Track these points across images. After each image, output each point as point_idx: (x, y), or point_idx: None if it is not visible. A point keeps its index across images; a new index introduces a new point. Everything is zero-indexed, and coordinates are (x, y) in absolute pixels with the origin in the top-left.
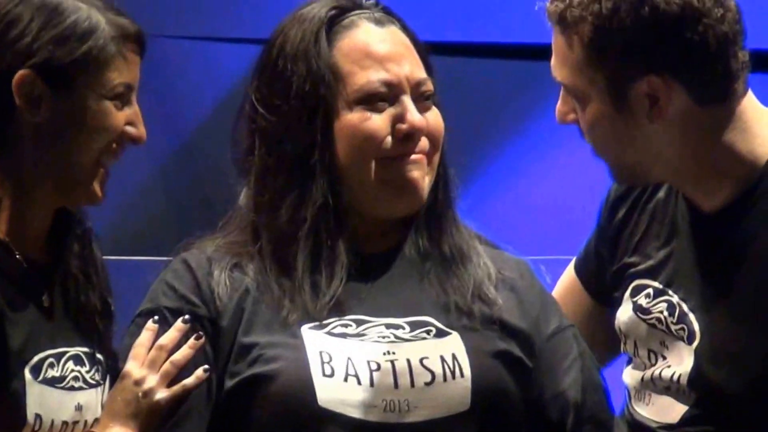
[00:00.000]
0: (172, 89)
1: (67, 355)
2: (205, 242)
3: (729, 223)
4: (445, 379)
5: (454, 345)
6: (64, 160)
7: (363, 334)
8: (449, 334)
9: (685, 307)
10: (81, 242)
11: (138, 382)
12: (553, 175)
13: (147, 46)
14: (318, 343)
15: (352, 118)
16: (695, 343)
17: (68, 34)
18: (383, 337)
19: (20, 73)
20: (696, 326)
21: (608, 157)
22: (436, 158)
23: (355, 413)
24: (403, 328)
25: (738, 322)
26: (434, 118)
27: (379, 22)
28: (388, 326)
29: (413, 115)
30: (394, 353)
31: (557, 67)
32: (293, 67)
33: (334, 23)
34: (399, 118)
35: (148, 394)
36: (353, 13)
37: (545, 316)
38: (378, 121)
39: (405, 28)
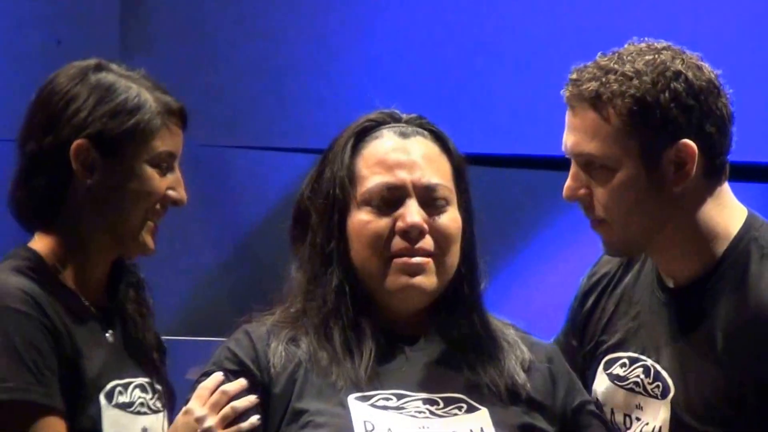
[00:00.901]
0: (234, 192)
1: (133, 384)
2: (264, 317)
3: (697, 295)
4: None
5: (482, 420)
6: (115, 218)
7: (402, 408)
8: (479, 409)
9: (658, 367)
10: (135, 288)
11: (199, 420)
12: (565, 271)
13: (213, 153)
14: (363, 413)
15: (360, 217)
16: (670, 395)
17: (120, 109)
18: (420, 412)
19: (77, 142)
20: (669, 381)
21: (621, 225)
22: (448, 259)
23: None
24: (438, 404)
25: (707, 372)
26: (445, 221)
27: (403, 134)
28: (424, 401)
29: (411, 215)
30: (428, 428)
31: (584, 141)
32: (326, 170)
33: (365, 133)
34: (399, 218)
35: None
36: (384, 126)
37: (572, 394)
38: (381, 223)
39: (438, 138)
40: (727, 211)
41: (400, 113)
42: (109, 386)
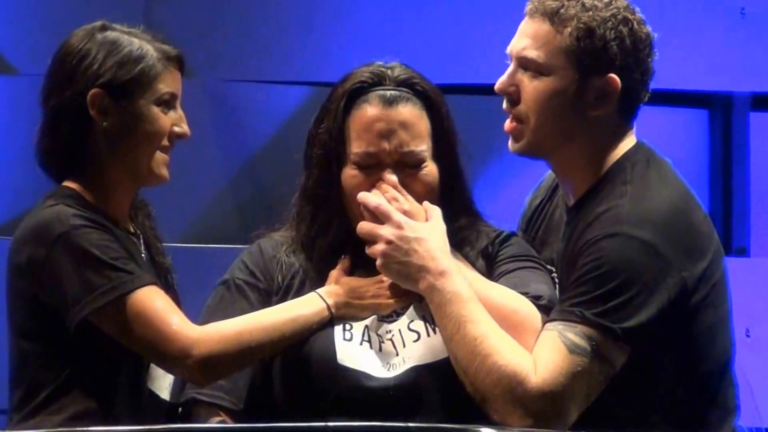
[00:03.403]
0: (239, 121)
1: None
2: (274, 233)
3: (577, 213)
4: (428, 335)
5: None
6: (130, 154)
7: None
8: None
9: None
10: (150, 219)
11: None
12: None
13: (221, 87)
14: None
15: (349, 172)
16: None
17: (126, 60)
18: (387, 317)
19: (92, 91)
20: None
21: (535, 125)
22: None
23: (367, 370)
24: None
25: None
26: (420, 179)
27: (388, 102)
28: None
29: (386, 179)
30: (390, 332)
31: (532, 47)
32: (325, 120)
33: (357, 95)
34: (377, 180)
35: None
36: (372, 89)
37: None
38: (360, 180)
39: (422, 96)
40: (623, 143)
41: (390, 70)
42: None
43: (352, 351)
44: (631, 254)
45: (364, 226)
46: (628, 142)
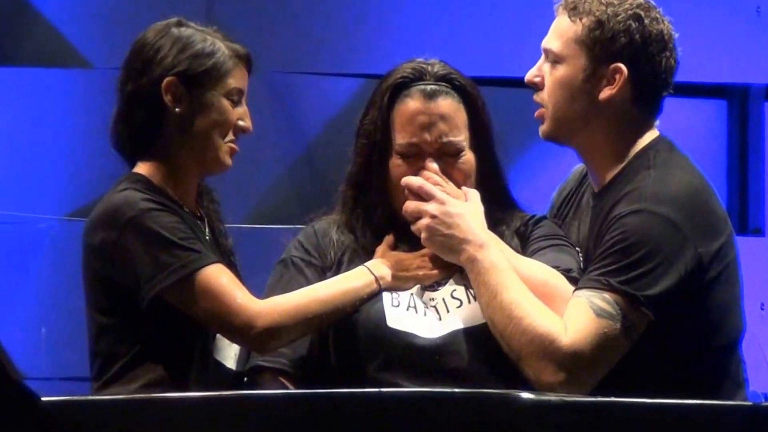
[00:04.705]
0: (297, 110)
1: None
2: (325, 216)
3: (603, 198)
4: (470, 302)
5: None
6: (198, 140)
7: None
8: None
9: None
10: (214, 204)
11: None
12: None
13: (275, 78)
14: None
15: (394, 161)
16: None
17: (199, 53)
18: (430, 287)
19: (167, 79)
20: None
21: (553, 111)
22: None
23: (414, 331)
24: (442, 279)
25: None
26: (458, 167)
27: (429, 96)
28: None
29: (428, 166)
30: (434, 299)
31: (553, 38)
32: (370, 112)
33: (399, 89)
34: (420, 169)
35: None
36: (414, 84)
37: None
38: (405, 169)
39: (459, 90)
40: (646, 136)
41: (430, 66)
42: None
43: (400, 315)
44: (653, 229)
45: (410, 205)
46: (650, 135)
